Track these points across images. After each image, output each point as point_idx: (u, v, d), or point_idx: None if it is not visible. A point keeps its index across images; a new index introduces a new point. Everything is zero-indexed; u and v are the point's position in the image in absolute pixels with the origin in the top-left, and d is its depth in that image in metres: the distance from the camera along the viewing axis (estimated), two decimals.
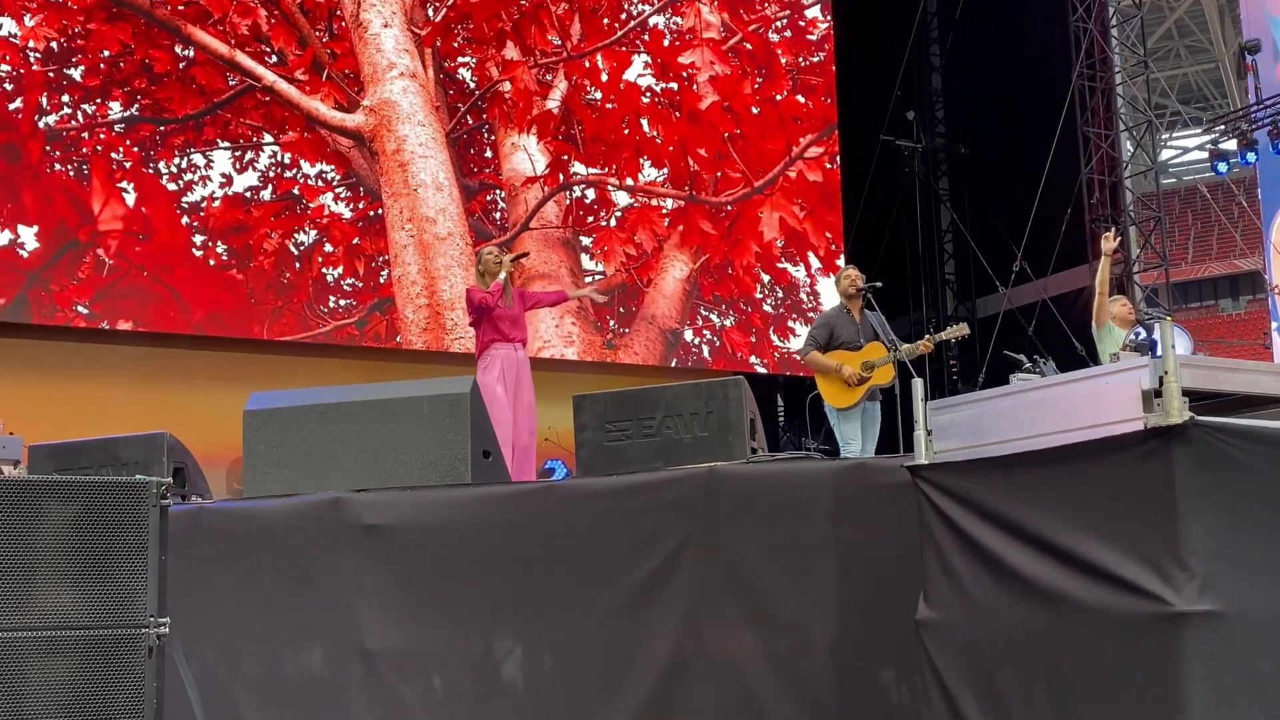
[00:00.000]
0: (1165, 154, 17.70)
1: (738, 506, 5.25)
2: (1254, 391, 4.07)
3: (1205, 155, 16.49)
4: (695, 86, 15.53)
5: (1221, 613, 3.62)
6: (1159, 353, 3.85)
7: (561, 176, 14.70)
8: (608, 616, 5.30)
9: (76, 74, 12.21)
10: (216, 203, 12.72)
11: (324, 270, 13.21)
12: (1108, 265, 8.31)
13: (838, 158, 16.22)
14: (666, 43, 15.52)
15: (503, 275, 7.93)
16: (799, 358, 8.42)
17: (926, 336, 8.26)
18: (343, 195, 13.41)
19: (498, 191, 14.42)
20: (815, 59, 16.43)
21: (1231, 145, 15.56)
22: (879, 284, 8.31)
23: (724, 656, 5.22)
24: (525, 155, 14.52)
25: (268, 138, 13.13)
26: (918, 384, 4.65)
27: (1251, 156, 15.41)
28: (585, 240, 14.65)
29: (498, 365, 7.78)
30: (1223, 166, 15.80)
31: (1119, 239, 8.42)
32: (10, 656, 3.09)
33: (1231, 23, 20.50)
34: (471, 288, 8.14)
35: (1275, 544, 3.78)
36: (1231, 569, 3.69)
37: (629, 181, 15.02)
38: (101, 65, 12.32)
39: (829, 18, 16.58)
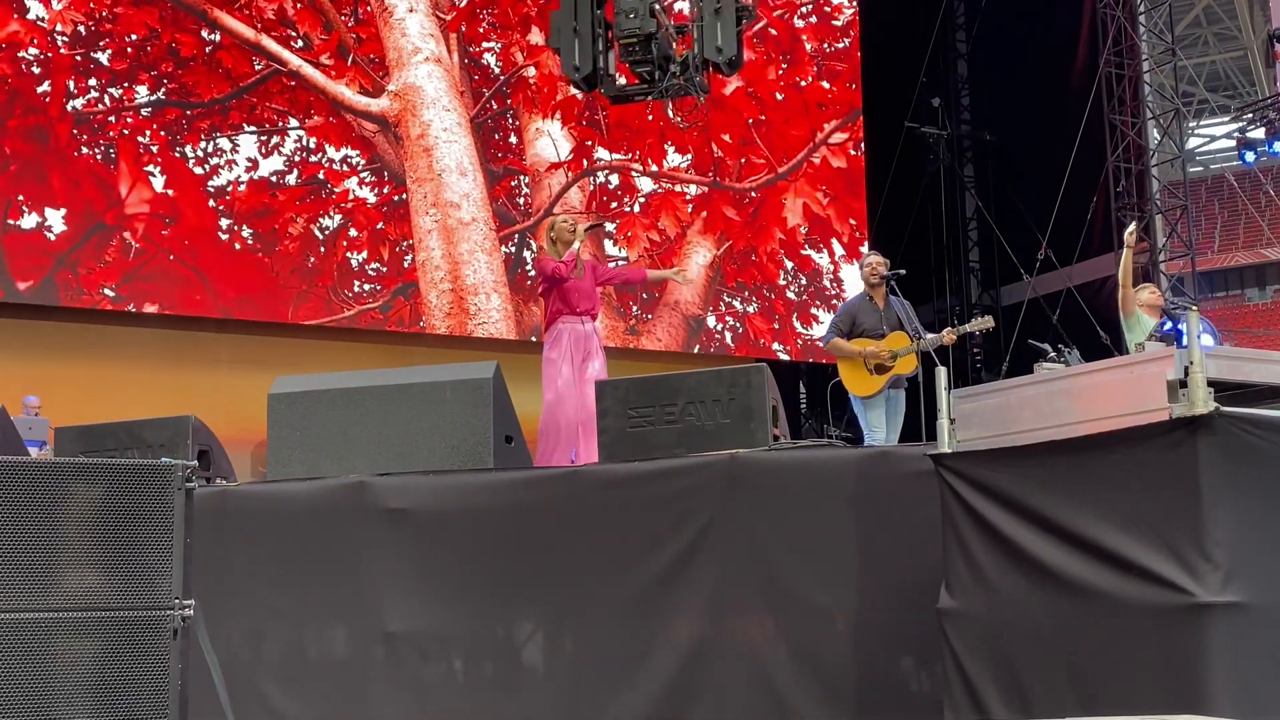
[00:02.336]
0: (1192, 142, 17.58)
1: (759, 493, 5.25)
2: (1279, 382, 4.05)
3: (1232, 144, 16.36)
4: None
5: (1245, 604, 3.61)
6: (1184, 343, 3.83)
7: (585, 162, 14.69)
8: (629, 602, 5.31)
9: (104, 58, 12.27)
10: (242, 187, 12.77)
11: (348, 255, 13.25)
12: (1129, 256, 8.26)
13: (862, 144, 16.16)
14: None
15: (576, 245, 7.48)
16: (822, 344, 8.38)
17: (949, 329, 8.22)
18: (367, 180, 13.44)
19: (522, 177, 14.43)
20: (840, 45, 16.36)
21: (1259, 134, 15.43)
22: (902, 271, 8.26)
23: (745, 643, 5.22)
24: (549, 140, 14.52)
25: (293, 122, 13.17)
26: (941, 372, 4.64)
27: (1279, 146, 15.29)
28: (609, 226, 14.64)
29: (565, 339, 7.45)
30: (1250, 155, 15.68)
31: (1141, 229, 8.36)
32: (37, 637, 3.11)
33: (1261, 10, 20.32)
34: (543, 257, 7.69)
35: None
36: (1256, 560, 3.67)
37: (653, 167, 15.00)
38: (128, 49, 12.37)
39: (854, 3, 16.51)
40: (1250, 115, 15.82)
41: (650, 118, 14.93)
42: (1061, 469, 4.03)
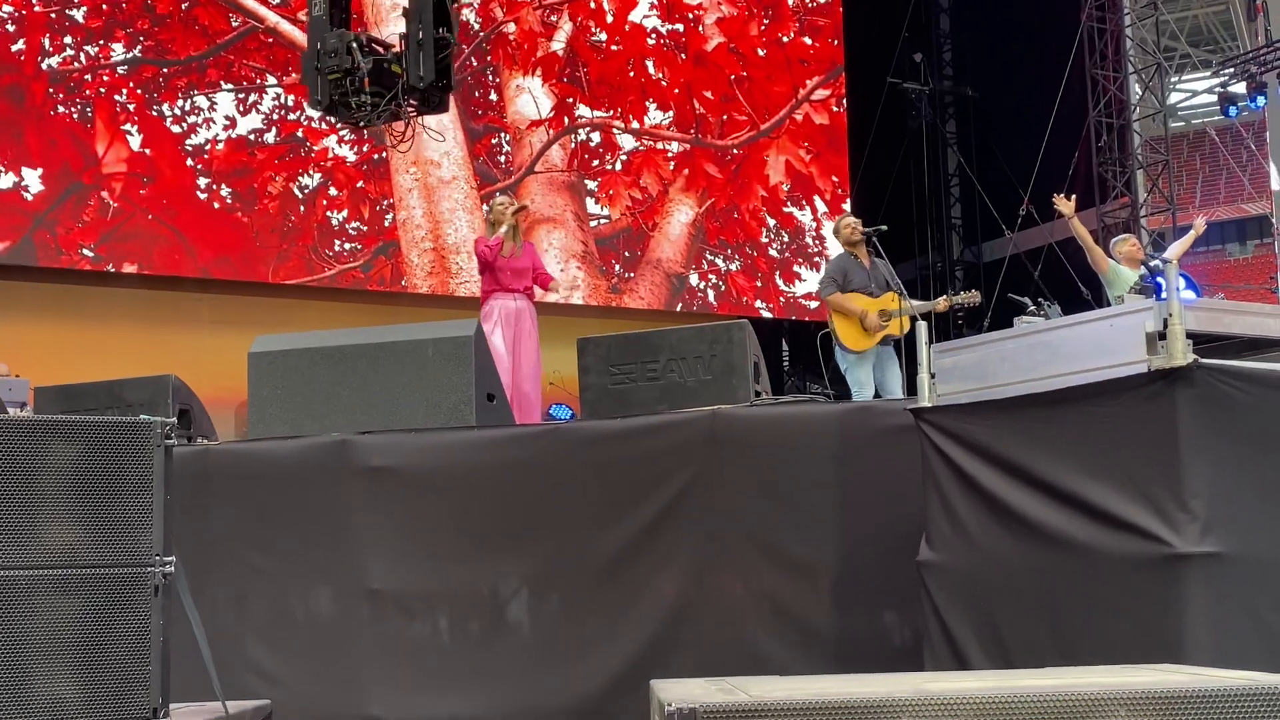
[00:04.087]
0: (1174, 97, 17.56)
1: (741, 449, 5.26)
2: (1258, 334, 4.07)
3: (1214, 98, 16.35)
4: (701, 28, 15.41)
5: (1223, 554, 3.64)
6: (1164, 296, 3.84)
7: (566, 119, 14.62)
8: (613, 558, 5.32)
9: (79, 15, 12.14)
10: (220, 145, 12.67)
11: (328, 213, 13.18)
12: (1077, 223, 8.35)
13: (844, 100, 16.10)
14: None
15: (504, 228, 7.93)
16: (821, 295, 8.39)
17: (944, 296, 8.32)
18: (346, 138, 13.35)
19: (502, 135, 14.35)
20: (822, 0, 16.27)
21: (1241, 88, 15.42)
22: (884, 227, 8.26)
23: (728, 598, 5.25)
24: (530, 98, 14.44)
25: (271, 79, 13.07)
26: (922, 327, 4.65)
27: (1261, 100, 15.28)
28: (590, 184, 14.59)
29: (495, 314, 7.84)
30: (1232, 110, 15.68)
31: (1073, 199, 8.43)
32: (18, 594, 3.11)
33: None
34: (477, 238, 8.19)
35: (1277, 486, 3.78)
36: (1233, 511, 3.70)
37: (634, 124, 14.94)
38: (104, 6, 12.24)
39: None
40: (1232, 70, 15.80)
41: (632, 74, 14.85)
42: (1041, 422, 4.05)
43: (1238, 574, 3.66)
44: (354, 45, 5.78)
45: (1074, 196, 8.51)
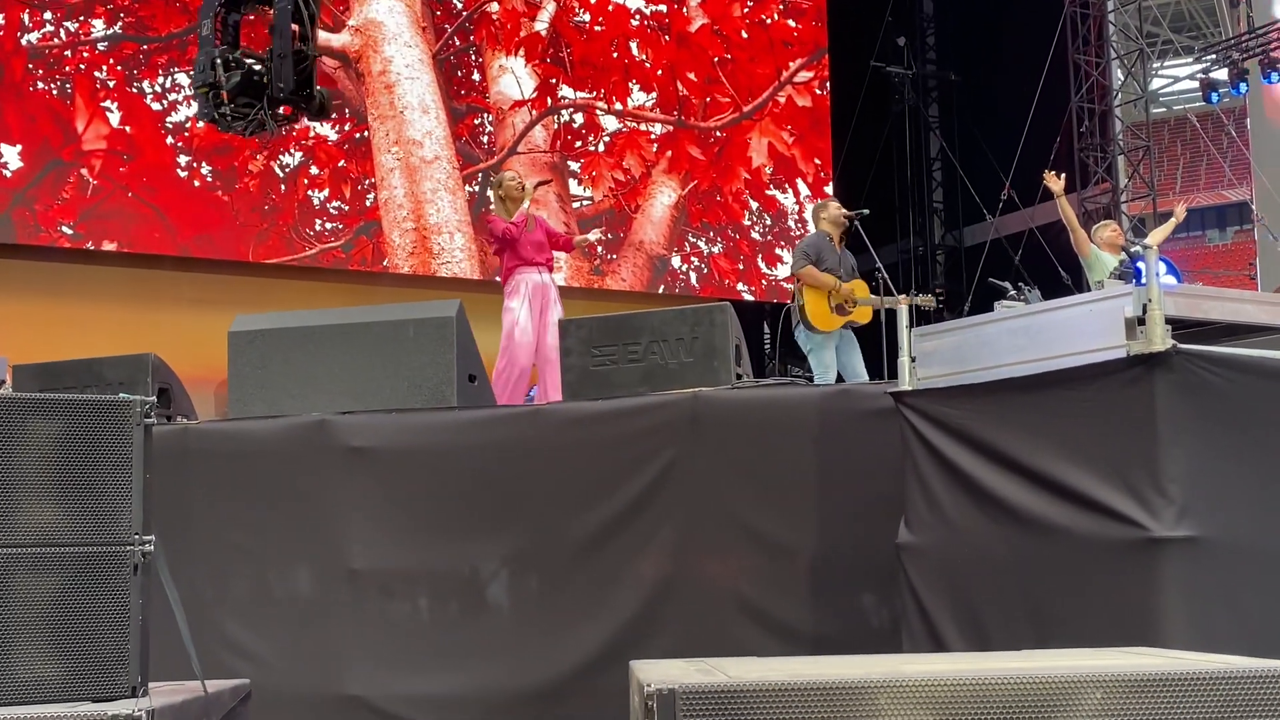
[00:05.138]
0: (1156, 83, 17.60)
1: (722, 431, 5.27)
2: (1237, 320, 4.09)
3: (1196, 85, 16.40)
4: (685, 9, 15.37)
5: (1199, 538, 3.66)
6: (1144, 281, 3.86)
7: (549, 100, 14.57)
8: (593, 540, 5.33)
9: None
10: (201, 123, 12.58)
11: (310, 193, 13.12)
12: (1064, 202, 8.35)
13: (828, 83, 16.09)
14: None
15: (526, 204, 7.78)
16: (792, 270, 8.40)
17: (905, 295, 8.30)
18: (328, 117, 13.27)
19: (485, 115, 14.31)
20: None
21: (1223, 75, 15.47)
22: (866, 210, 8.29)
23: (708, 579, 5.26)
24: (513, 78, 14.39)
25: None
26: (903, 310, 4.66)
27: (1243, 87, 15.32)
28: (573, 165, 14.56)
29: (523, 289, 7.70)
30: (1215, 96, 15.72)
31: (1063, 176, 8.42)
32: None
33: None
34: (493, 217, 7.94)
35: (1255, 471, 3.81)
36: (1210, 495, 3.72)
37: (617, 106, 14.90)
38: None
39: None
40: (1214, 56, 15.84)
41: (615, 55, 14.82)
42: (1020, 406, 4.07)
43: (1214, 558, 3.68)
44: (217, 61, 6.06)
45: (1064, 175, 8.49)
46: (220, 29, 6.26)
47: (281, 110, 6.15)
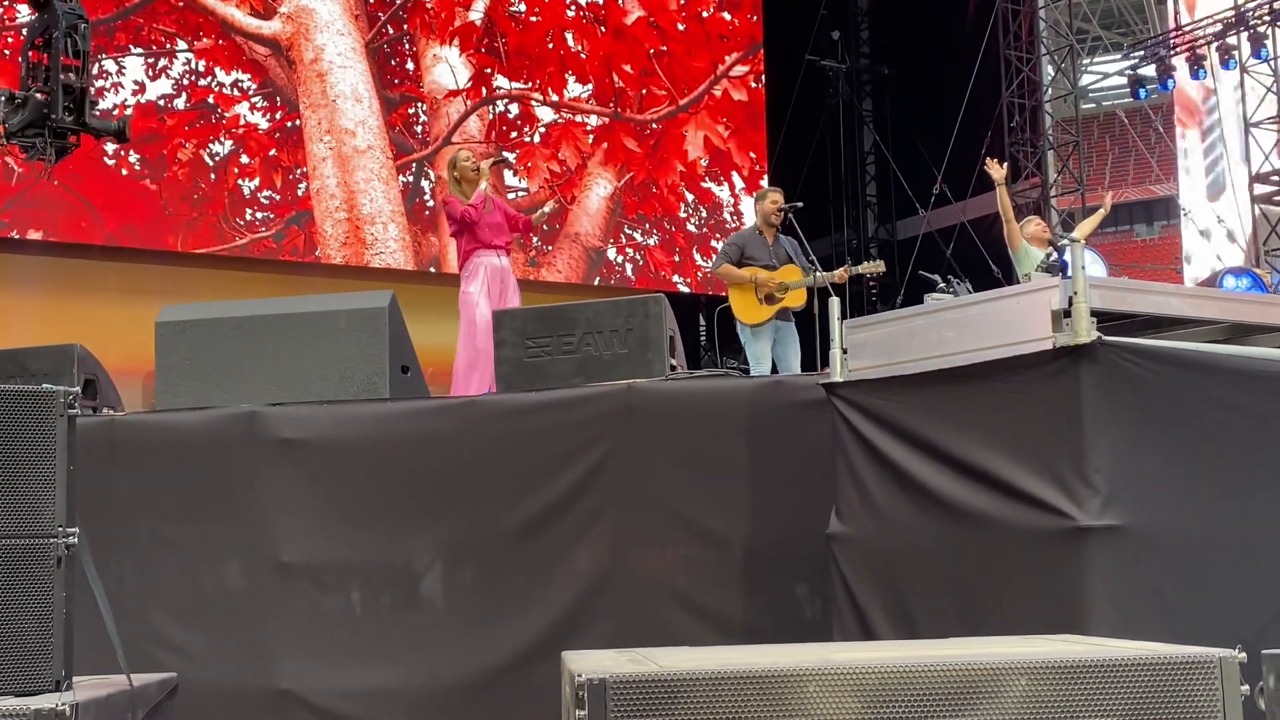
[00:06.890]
0: (1085, 79, 17.83)
1: (657, 423, 5.28)
2: (1161, 313, 4.16)
3: (1124, 81, 16.63)
4: (621, 2, 15.35)
5: (1124, 528, 3.72)
6: (1069, 274, 3.91)
7: (484, 90, 14.51)
8: (528, 531, 5.33)
9: None
10: (129, 110, 12.40)
11: (240, 182, 12.97)
12: (1003, 192, 8.40)
13: (763, 77, 16.15)
14: None
15: (484, 185, 7.61)
16: (711, 269, 8.43)
17: (843, 268, 8.30)
18: (259, 105, 13.13)
19: (419, 104, 14.21)
20: None
21: (1150, 71, 15.70)
22: (800, 204, 8.33)
23: (642, 570, 5.28)
24: (447, 67, 14.30)
25: (181, 44, 12.81)
26: (835, 303, 4.70)
27: (1170, 83, 15.56)
28: (509, 156, 14.50)
29: (481, 273, 7.51)
30: (1143, 92, 15.95)
31: (1005, 165, 8.47)
32: None
33: None
34: (451, 199, 7.70)
35: (1178, 461, 3.88)
36: (1134, 485, 3.78)
37: (553, 97, 14.86)
38: None
39: None
40: (1142, 53, 16.07)
41: (551, 46, 14.77)
42: (948, 397, 4.12)
43: (1138, 547, 3.75)
44: (3, 97, 6.15)
45: (1006, 164, 8.52)
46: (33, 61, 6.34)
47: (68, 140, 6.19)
